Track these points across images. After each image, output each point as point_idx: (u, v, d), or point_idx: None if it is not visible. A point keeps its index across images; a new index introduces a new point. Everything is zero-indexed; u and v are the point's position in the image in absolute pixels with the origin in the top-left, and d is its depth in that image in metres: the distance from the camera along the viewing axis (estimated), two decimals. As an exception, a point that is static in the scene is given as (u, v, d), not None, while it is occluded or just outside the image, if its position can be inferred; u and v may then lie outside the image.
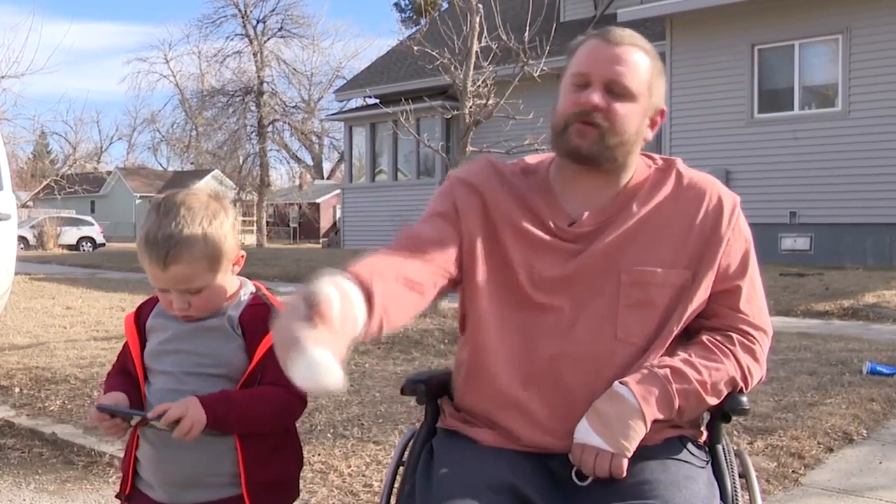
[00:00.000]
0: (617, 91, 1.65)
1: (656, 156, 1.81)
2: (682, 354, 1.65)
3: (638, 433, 1.57)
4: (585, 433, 1.57)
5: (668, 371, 1.60)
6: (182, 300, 1.77)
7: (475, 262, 1.70)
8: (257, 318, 1.80)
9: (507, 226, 1.72)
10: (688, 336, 1.71)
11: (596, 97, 1.64)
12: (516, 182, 1.77)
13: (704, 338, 1.68)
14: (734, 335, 1.69)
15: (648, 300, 1.66)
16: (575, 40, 1.79)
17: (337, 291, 1.37)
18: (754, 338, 1.70)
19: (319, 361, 1.28)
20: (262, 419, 1.77)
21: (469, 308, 1.74)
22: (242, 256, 1.85)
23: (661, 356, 1.65)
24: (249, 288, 1.88)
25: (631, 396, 1.57)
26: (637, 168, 1.76)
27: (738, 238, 1.72)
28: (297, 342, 1.28)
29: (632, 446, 1.56)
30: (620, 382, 1.60)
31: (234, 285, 1.85)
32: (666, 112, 1.77)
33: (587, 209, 1.72)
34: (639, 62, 1.67)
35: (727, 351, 1.67)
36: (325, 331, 1.30)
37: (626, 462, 1.55)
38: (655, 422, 1.61)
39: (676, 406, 1.60)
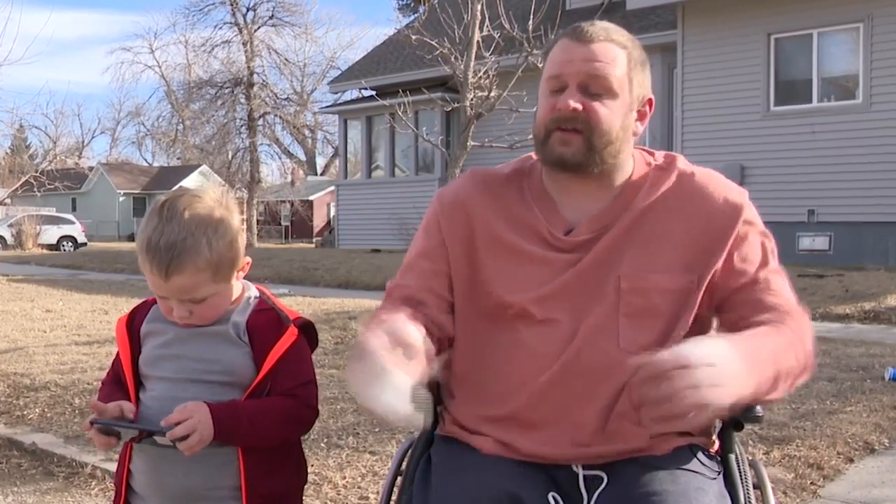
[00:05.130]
0: (594, 90, 1.66)
1: (657, 152, 1.81)
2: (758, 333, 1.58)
3: (742, 384, 1.44)
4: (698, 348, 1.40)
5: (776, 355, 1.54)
6: (183, 309, 1.75)
7: (466, 288, 1.74)
8: (266, 324, 1.80)
9: (492, 245, 1.73)
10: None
11: (572, 101, 1.64)
12: (507, 192, 1.78)
13: (762, 320, 1.62)
14: (785, 318, 1.63)
15: (651, 307, 1.65)
16: (549, 42, 1.79)
17: (411, 324, 1.50)
18: (799, 318, 1.65)
19: (403, 388, 1.39)
20: (272, 432, 1.76)
21: (463, 325, 1.76)
22: (248, 263, 1.83)
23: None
24: (253, 292, 1.87)
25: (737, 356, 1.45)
26: (635, 165, 1.76)
27: (752, 232, 1.71)
28: (383, 370, 1.38)
29: (735, 392, 1.41)
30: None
31: (237, 289, 1.84)
32: (654, 101, 1.77)
33: (584, 215, 1.72)
34: (614, 57, 1.67)
35: (788, 329, 1.61)
36: (411, 359, 1.43)
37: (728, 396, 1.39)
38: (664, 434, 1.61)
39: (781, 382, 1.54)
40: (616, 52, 1.68)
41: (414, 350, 1.43)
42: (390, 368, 1.38)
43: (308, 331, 1.85)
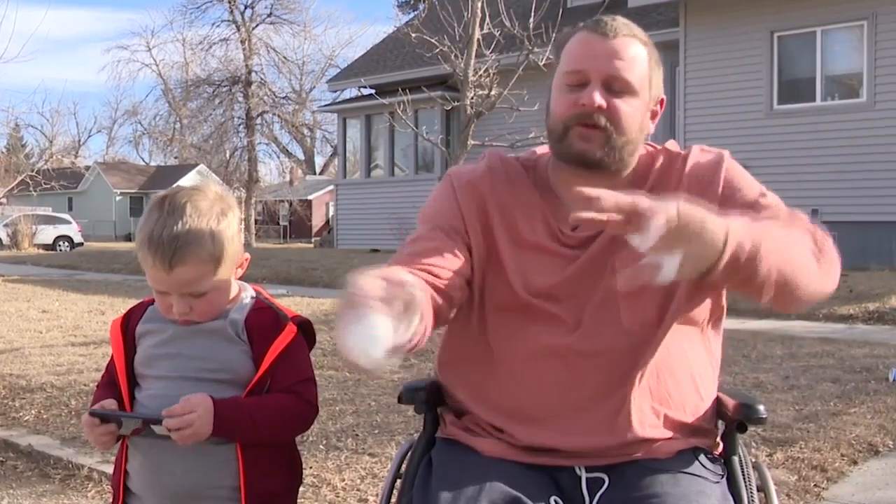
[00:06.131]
0: (617, 88, 1.65)
1: (658, 145, 1.82)
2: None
3: (719, 229, 1.38)
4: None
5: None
6: (184, 304, 1.76)
7: (476, 273, 1.72)
8: (264, 322, 1.81)
9: (505, 231, 1.73)
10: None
11: (597, 97, 1.63)
12: (522, 182, 1.78)
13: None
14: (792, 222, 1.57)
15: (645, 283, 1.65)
16: (562, 34, 1.79)
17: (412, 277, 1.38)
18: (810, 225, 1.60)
19: (377, 327, 1.27)
20: (273, 429, 1.78)
21: (468, 315, 1.75)
22: (247, 259, 1.85)
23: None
24: (250, 291, 1.89)
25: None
26: (640, 160, 1.76)
27: (736, 184, 1.67)
28: (362, 306, 1.27)
29: (719, 233, 1.37)
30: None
31: (234, 289, 1.85)
32: (665, 101, 1.77)
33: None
34: (637, 54, 1.67)
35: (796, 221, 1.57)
36: (400, 300, 1.30)
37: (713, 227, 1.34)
38: (671, 426, 1.61)
39: (759, 242, 1.44)
40: (638, 48, 1.68)
41: (405, 291, 1.32)
42: (370, 305, 1.27)
43: (306, 329, 1.86)
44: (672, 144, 1.79)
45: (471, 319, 1.74)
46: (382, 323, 1.28)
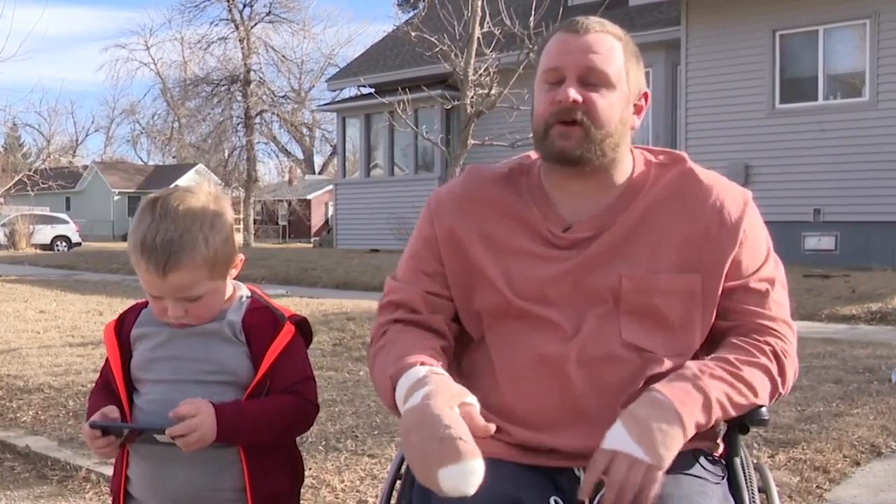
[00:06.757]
0: (593, 81, 1.67)
1: (658, 150, 1.82)
2: (716, 355, 1.64)
3: (677, 443, 1.52)
4: (620, 438, 1.49)
5: (702, 372, 1.59)
6: (178, 308, 1.75)
7: (465, 291, 1.74)
8: (262, 322, 1.81)
9: (483, 245, 1.74)
10: (711, 342, 1.71)
11: (572, 92, 1.65)
12: (505, 190, 1.78)
13: (734, 339, 1.67)
14: (766, 335, 1.67)
15: (652, 308, 1.66)
16: (542, 39, 1.81)
17: (464, 390, 1.49)
18: (786, 336, 1.69)
19: (476, 471, 1.37)
20: (276, 430, 1.78)
21: (465, 327, 1.77)
22: (242, 260, 1.84)
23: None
24: (245, 291, 1.88)
25: (667, 400, 1.53)
26: (635, 164, 1.77)
27: (755, 234, 1.72)
28: (457, 451, 1.37)
29: (670, 458, 1.51)
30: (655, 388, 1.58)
31: (229, 289, 1.85)
32: (650, 95, 1.78)
33: (583, 213, 1.73)
34: (612, 47, 1.69)
35: (762, 348, 1.65)
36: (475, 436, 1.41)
37: (660, 476, 1.49)
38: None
39: (717, 410, 1.57)
40: (612, 42, 1.69)
41: (476, 427, 1.44)
42: (470, 451, 1.37)
43: (303, 328, 1.87)
44: (688, 162, 1.78)
45: (470, 334, 1.75)
46: (480, 465, 1.38)
